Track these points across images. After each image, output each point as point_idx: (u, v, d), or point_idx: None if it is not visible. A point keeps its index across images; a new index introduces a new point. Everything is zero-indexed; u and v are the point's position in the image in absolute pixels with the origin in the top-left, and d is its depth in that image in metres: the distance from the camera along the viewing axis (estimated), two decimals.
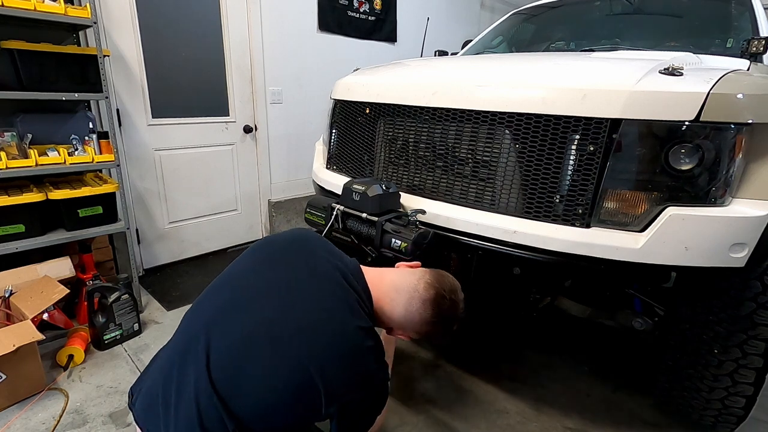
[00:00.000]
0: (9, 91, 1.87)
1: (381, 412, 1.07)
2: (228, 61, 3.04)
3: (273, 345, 0.92)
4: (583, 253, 1.21)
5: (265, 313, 0.96)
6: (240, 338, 0.94)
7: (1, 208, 1.87)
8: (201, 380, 0.90)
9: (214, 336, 0.95)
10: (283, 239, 1.17)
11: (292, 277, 1.03)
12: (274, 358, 0.91)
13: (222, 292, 1.07)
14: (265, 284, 1.03)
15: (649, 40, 2.10)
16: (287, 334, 0.93)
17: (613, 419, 1.71)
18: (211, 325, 0.98)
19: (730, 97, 1.11)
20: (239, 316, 0.98)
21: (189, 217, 3.05)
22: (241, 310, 0.99)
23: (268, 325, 0.95)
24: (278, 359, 0.91)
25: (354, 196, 1.50)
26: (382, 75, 1.83)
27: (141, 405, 1.00)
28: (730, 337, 1.30)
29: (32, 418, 1.64)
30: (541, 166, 1.28)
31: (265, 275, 1.05)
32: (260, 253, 1.13)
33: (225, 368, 0.91)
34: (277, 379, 0.90)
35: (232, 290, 1.06)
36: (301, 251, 1.10)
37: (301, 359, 0.90)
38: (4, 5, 1.74)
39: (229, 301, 1.02)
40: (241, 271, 1.10)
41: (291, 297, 0.99)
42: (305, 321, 0.95)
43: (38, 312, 1.84)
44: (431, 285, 1.07)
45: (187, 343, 0.98)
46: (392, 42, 4.22)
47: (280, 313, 0.96)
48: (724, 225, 1.12)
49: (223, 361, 0.92)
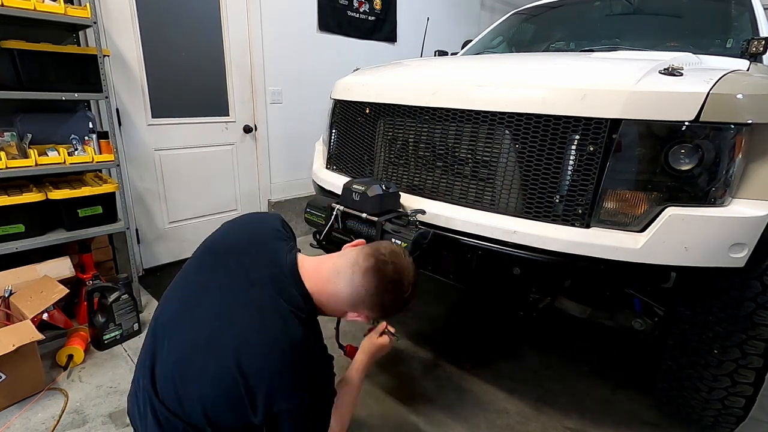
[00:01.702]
0: (9, 91, 1.87)
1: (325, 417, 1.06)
2: (228, 60, 3.04)
3: (211, 362, 0.94)
4: (583, 253, 1.21)
5: (203, 331, 0.98)
6: (180, 356, 0.98)
7: (1, 208, 1.87)
8: (151, 393, 0.97)
9: (159, 350, 1.01)
10: (232, 234, 1.17)
11: (231, 290, 1.03)
12: (211, 374, 0.93)
13: (172, 301, 1.10)
14: (207, 296, 1.03)
15: (649, 40, 2.10)
16: (224, 352, 0.94)
17: (613, 419, 1.71)
18: (158, 338, 1.03)
19: (730, 98, 1.11)
20: (180, 333, 1.01)
21: (189, 217, 3.05)
22: (182, 328, 1.01)
23: (206, 343, 0.96)
24: (215, 374, 0.93)
25: (354, 196, 1.50)
26: (382, 75, 1.83)
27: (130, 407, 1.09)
28: (729, 337, 1.30)
29: (32, 418, 1.64)
30: (541, 166, 1.28)
31: (207, 286, 1.06)
32: (207, 257, 1.13)
33: (169, 383, 0.96)
34: (212, 394, 0.92)
35: (180, 301, 1.08)
36: (245, 255, 1.09)
37: (234, 374, 0.91)
38: (4, 5, 1.74)
39: (176, 313, 1.05)
40: (188, 281, 1.11)
41: (228, 312, 0.99)
42: (241, 339, 0.95)
43: (38, 312, 1.84)
44: (369, 255, 1.04)
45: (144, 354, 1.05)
46: (392, 42, 4.22)
47: (218, 329, 0.97)
48: (723, 225, 1.12)
49: (167, 377, 0.97)
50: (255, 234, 1.16)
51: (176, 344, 0.99)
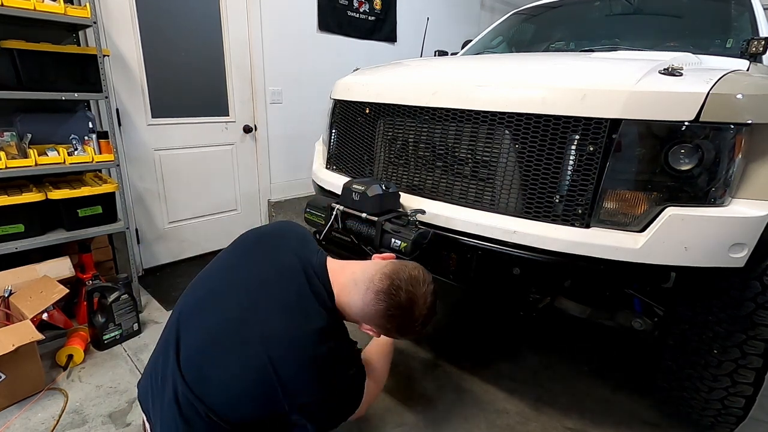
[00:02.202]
0: (9, 91, 1.87)
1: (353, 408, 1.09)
2: (228, 60, 3.04)
3: (237, 346, 0.96)
4: (583, 253, 1.21)
5: (230, 314, 1.00)
6: (207, 338, 0.99)
7: (1, 207, 1.87)
8: (176, 375, 0.97)
9: (183, 334, 1.02)
10: (261, 233, 1.22)
11: (258, 277, 1.05)
12: (238, 359, 0.95)
13: (197, 289, 1.13)
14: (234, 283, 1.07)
15: (649, 41, 2.10)
16: (250, 337, 0.96)
17: (613, 419, 1.71)
18: (183, 323, 1.05)
19: (730, 98, 1.11)
20: (207, 315, 1.03)
21: (189, 217, 3.05)
22: (209, 310, 1.03)
23: (232, 326, 0.98)
24: (242, 360, 0.95)
25: (354, 196, 1.50)
26: (381, 75, 1.83)
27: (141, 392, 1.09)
28: (729, 337, 1.30)
29: (32, 418, 1.64)
30: (540, 166, 1.28)
31: (235, 273, 1.10)
32: (237, 249, 1.18)
33: (193, 366, 0.97)
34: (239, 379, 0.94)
35: (206, 288, 1.11)
36: (274, 247, 1.13)
37: (263, 361, 0.93)
38: (4, 5, 1.74)
39: (201, 299, 1.08)
40: (217, 269, 1.16)
41: (255, 298, 1.01)
42: (267, 326, 0.97)
43: (38, 312, 1.84)
44: (387, 276, 1.03)
45: (166, 338, 1.06)
46: (392, 42, 4.22)
47: (244, 314, 1.00)
48: (723, 225, 1.12)
49: (192, 359, 0.98)
50: (285, 232, 1.21)
51: (205, 327, 1.01)
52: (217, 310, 1.03)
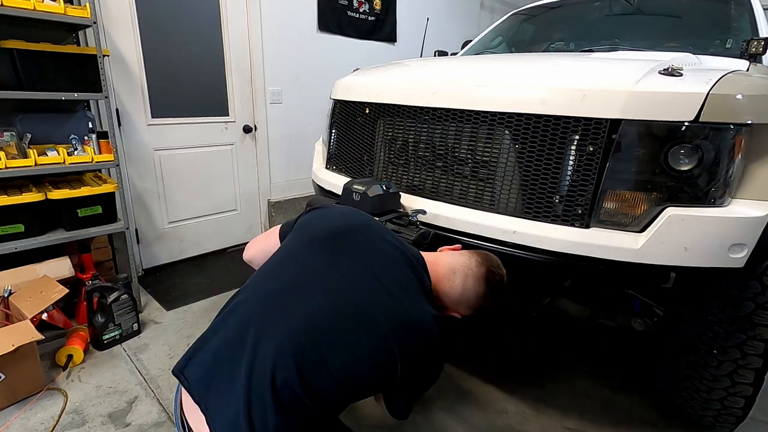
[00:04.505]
0: (8, 91, 1.87)
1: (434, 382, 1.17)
2: (228, 60, 3.04)
3: (357, 322, 0.96)
4: (583, 253, 1.21)
5: (345, 293, 0.99)
6: (323, 314, 0.95)
7: (1, 207, 1.87)
8: (266, 363, 0.88)
9: (291, 310, 0.96)
10: (343, 221, 1.17)
11: (365, 259, 1.06)
12: (358, 335, 0.95)
13: (286, 270, 1.06)
14: (325, 270, 1.03)
15: (649, 41, 2.10)
16: (371, 314, 0.98)
17: (613, 419, 1.71)
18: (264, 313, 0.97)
19: (730, 98, 1.11)
20: (317, 292, 0.99)
21: (188, 217, 3.05)
22: (318, 288, 1.00)
23: (350, 302, 0.98)
24: (362, 336, 0.95)
25: (354, 196, 1.50)
26: (381, 75, 1.83)
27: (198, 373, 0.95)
28: (729, 337, 1.30)
29: (31, 418, 1.63)
30: (540, 166, 1.28)
31: (332, 255, 1.06)
32: (320, 233, 1.13)
33: (308, 341, 0.92)
34: (360, 354, 0.95)
35: (299, 269, 1.05)
36: (367, 233, 1.13)
37: (386, 338, 0.96)
38: (3, 5, 1.74)
39: (297, 279, 1.02)
40: (301, 251, 1.10)
41: (368, 277, 1.03)
42: (388, 302, 1.00)
43: (37, 312, 1.83)
44: (481, 263, 1.16)
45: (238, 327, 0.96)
46: (392, 42, 4.22)
47: (355, 298, 0.99)
48: (723, 225, 1.12)
49: (307, 333, 0.93)
50: (365, 219, 1.20)
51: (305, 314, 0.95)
52: (314, 298, 0.98)
